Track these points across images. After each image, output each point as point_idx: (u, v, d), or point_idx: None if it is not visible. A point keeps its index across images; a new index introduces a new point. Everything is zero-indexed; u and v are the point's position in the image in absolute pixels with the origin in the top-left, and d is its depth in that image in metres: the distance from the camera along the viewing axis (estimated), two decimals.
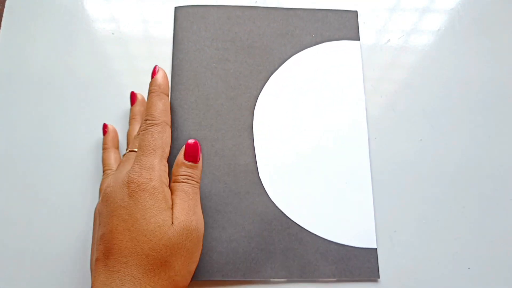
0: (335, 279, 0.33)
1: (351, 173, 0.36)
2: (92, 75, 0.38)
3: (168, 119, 0.32)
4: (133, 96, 0.37)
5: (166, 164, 0.30)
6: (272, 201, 0.35)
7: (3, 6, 0.39)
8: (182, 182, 0.31)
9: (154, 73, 0.33)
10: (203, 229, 0.30)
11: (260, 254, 0.34)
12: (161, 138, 0.30)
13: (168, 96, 0.33)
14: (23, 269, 0.33)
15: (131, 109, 0.37)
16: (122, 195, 0.28)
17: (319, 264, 0.33)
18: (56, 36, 0.39)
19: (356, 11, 0.41)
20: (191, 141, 0.32)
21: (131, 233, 0.28)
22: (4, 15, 0.39)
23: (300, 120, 0.37)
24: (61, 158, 0.36)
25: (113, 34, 0.39)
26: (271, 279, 0.33)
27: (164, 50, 0.39)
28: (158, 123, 0.31)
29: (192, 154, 0.31)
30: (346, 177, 0.36)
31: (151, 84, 0.33)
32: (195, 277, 0.32)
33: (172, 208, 0.29)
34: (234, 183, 0.35)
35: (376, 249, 0.34)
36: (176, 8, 0.40)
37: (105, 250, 0.28)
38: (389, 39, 0.41)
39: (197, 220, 0.30)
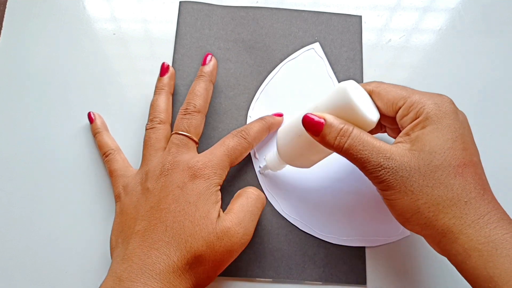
0: (321, 283, 0.33)
1: (344, 170, 0.36)
2: (93, 75, 0.38)
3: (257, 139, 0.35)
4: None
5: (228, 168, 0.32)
6: (266, 199, 0.35)
7: (5, 7, 0.39)
8: (251, 190, 0.32)
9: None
10: (245, 245, 0.30)
11: (248, 253, 0.33)
12: (238, 145, 0.32)
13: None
14: (24, 269, 0.33)
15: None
16: (183, 177, 0.29)
17: (307, 267, 0.33)
18: (58, 36, 0.39)
19: (360, 16, 0.40)
20: None
21: (181, 215, 0.28)
22: (5, 15, 0.39)
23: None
24: (63, 158, 0.36)
25: (114, 34, 0.39)
26: (257, 279, 0.33)
27: (166, 50, 0.39)
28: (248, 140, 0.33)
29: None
30: (340, 173, 0.36)
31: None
32: None
33: (229, 211, 0.30)
34: (227, 181, 0.35)
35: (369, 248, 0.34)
36: (181, 2, 0.40)
37: (150, 226, 0.28)
38: (390, 39, 0.41)
39: (243, 235, 0.29)
